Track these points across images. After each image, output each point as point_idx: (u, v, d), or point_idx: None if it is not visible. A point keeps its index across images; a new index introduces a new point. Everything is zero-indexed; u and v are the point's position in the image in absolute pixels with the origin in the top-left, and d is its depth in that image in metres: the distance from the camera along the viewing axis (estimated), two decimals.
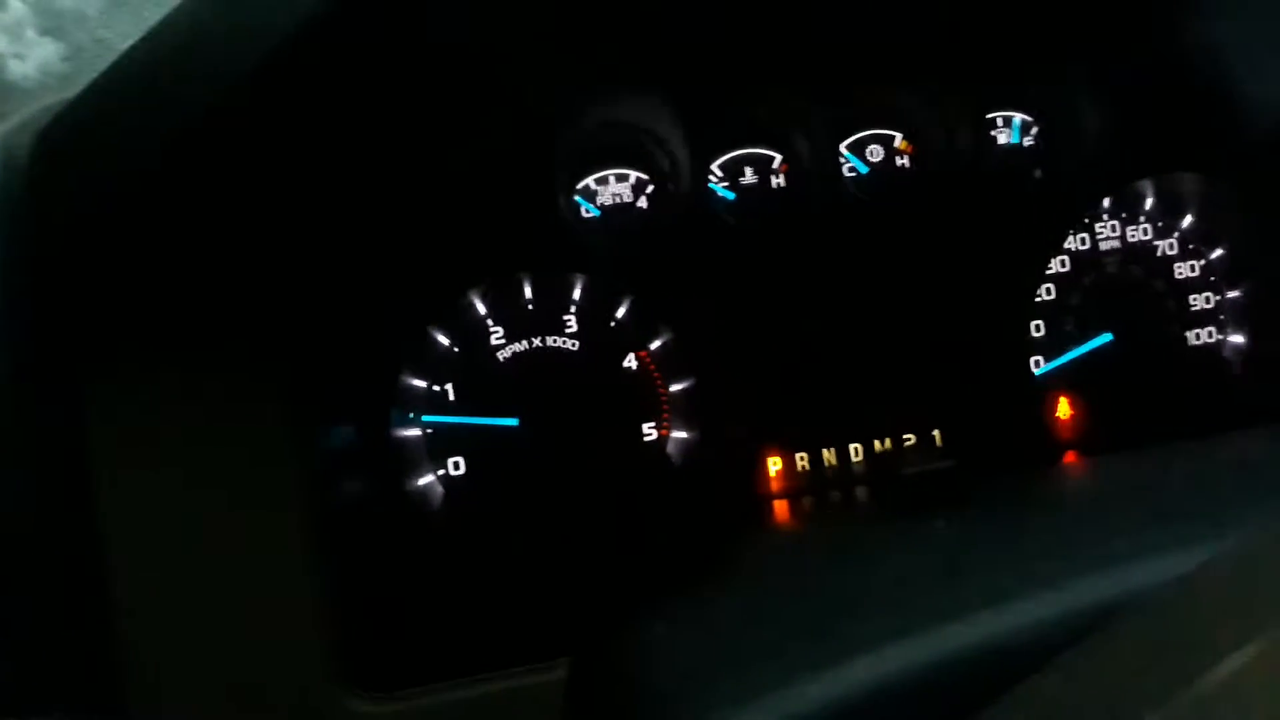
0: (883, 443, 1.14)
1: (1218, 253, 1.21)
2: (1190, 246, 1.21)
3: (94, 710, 0.76)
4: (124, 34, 1.41)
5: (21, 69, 1.41)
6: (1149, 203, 1.20)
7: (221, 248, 0.80)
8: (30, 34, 1.40)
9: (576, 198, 1.13)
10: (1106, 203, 1.19)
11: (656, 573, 0.82)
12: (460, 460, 1.08)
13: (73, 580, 0.78)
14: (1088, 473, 0.90)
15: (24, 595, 0.76)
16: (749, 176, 1.15)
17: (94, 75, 0.75)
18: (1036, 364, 1.18)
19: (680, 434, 1.11)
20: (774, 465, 1.12)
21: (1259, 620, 0.35)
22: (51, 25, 1.41)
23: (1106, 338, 1.18)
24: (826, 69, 1.10)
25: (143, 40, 0.72)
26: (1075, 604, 0.47)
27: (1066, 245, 1.19)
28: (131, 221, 0.75)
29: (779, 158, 1.15)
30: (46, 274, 0.79)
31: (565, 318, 1.10)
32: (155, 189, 0.73)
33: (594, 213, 1.13)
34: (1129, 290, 1.20)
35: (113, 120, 0.74)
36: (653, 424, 1.11)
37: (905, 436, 1.14)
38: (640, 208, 1.14)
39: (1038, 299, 1.17)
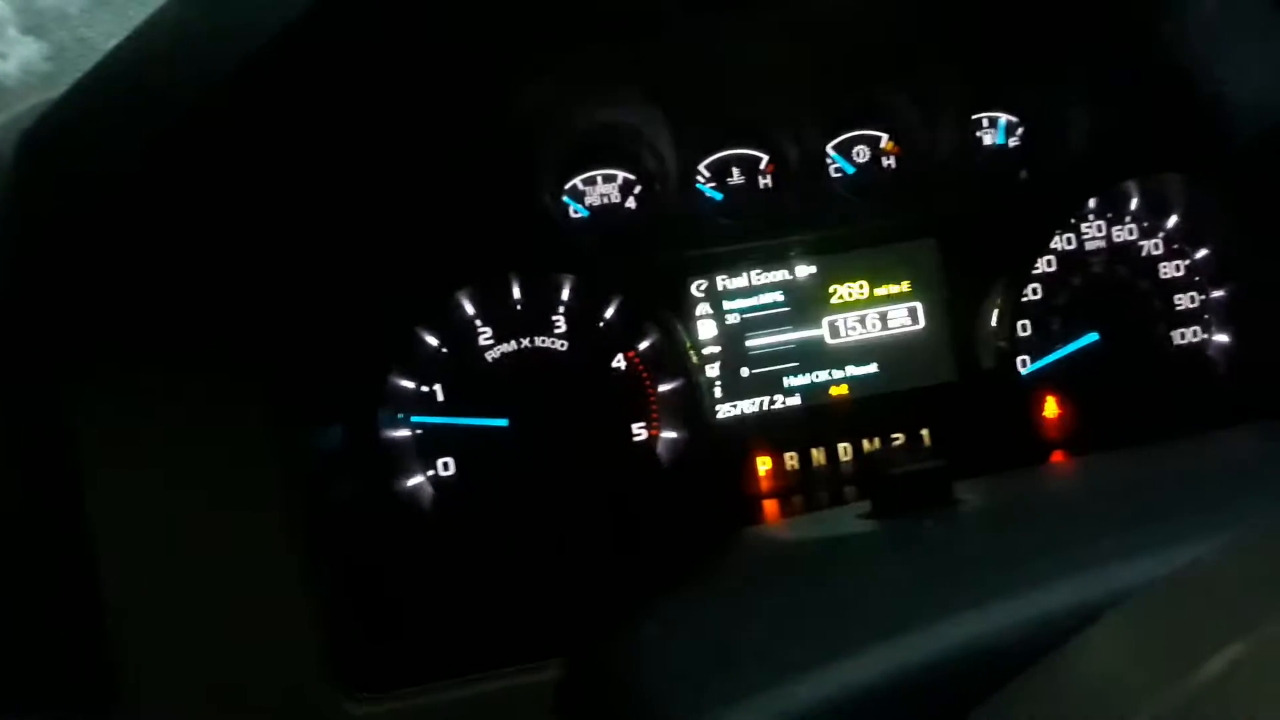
0: (871, 442, 1.14)
1: (1203, 253, 1.22)
2: (1175, 246, 1.22)
3: (80, 712, 0.76)
4: (107, 33, 1.41)
5: (3, 68, 1.40)
6: (1134, 203, 1.21)
7: (206, 247, 0.80)
8: (12, 32, 1.39)
9: (564, 198, 1.13)
10: (1092, 203, 1.20)
11: (647, 573, 0.82)
12: (450, 461, 1.08)
13: (60, 582, 0.77)
14: (1074, 472, 0.91)
15: (9, 597, 0.75)
16: (736, 177, 1.16)
17: (77, 74, 0.74)
18: (1023, 363, 1.18)
19: (669, 434, 1.11)
20: (763, 465, 1.13)
21: (1247, 618, 0.35)
22: (33, 24, 1.40)
23: (1093, 337, 1.18)
24: (813, 70, 1.10)
25: (127, 40, 0.72)
26: (1063, 604, 0.47)
27: (1052, 245, 1.19)
28: (116, 221, 0.75)
29: (766, 158, 1.16)
30: (29, 274, 0.79)
31: (554, 318, 1.10)
32: (140, 189, 0.73)
33: (582, 213, 1.13)
34: (1115, 290, 1.20)
35: (97, 120, 0.74)
36: (642, 424, 1.11)
37: (893, 436, 1.15)
38: (628, 208, 1.14)
39: (1024, 299, 1.17)
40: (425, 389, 1.08)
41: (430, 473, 1.08)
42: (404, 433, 1.07)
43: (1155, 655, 0.39)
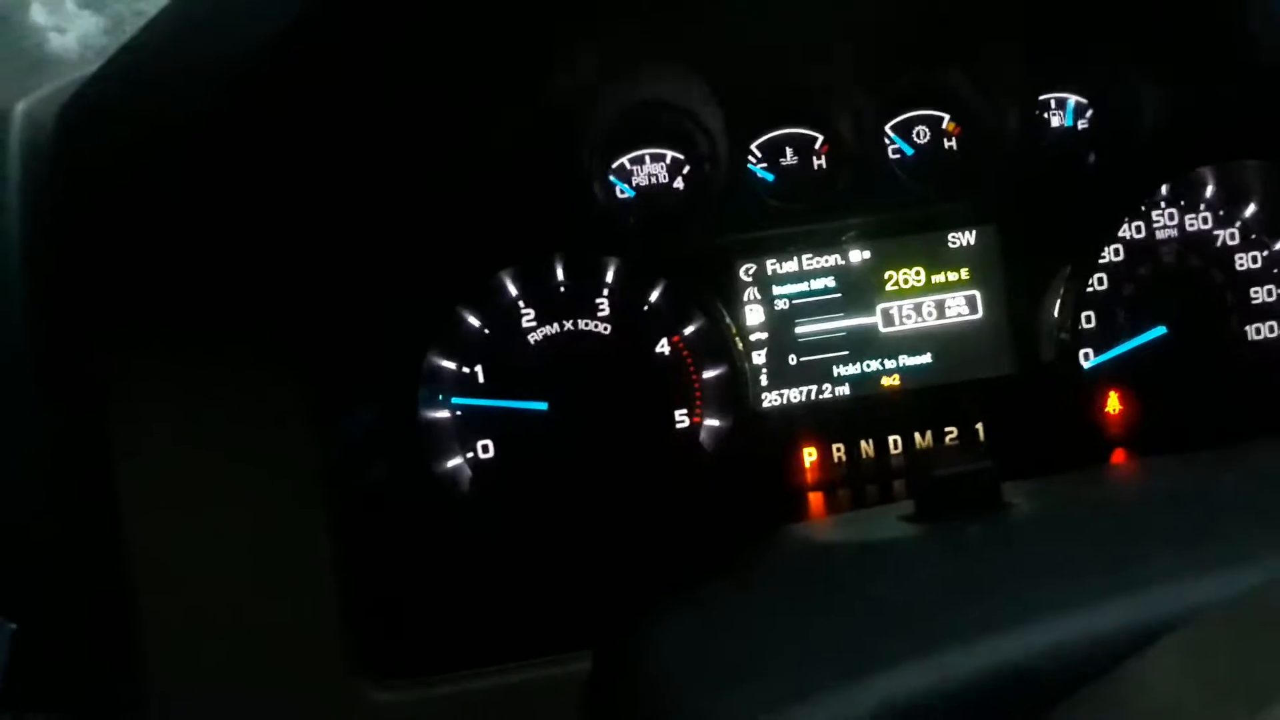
0: (923, 436, 1.11)
1: None
2: (1252, 237, 1.16)
3: (110, 694, 0.75)
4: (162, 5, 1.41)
5: (62, 42, 1.40)
6: (1209, 190, 1.15)
7: (244, 225, 0.79)
8: (70, 6, 1.40)
9: (611, 178, 1.10)
10: (1164, 190, 1.14)
11: (686, 566, 0.79)
12: (489, 443, 1.07)
13: (90, 567, 0.77)
14: (1135, 477, 0.87)
15: (41, 585, 0.75)
16: (789, 157, 1.12)
17: None
18: (1086, 357, 1.13)
19: (713, 422, 1.09)
20: (809, 456, 1.09)
21: None
22: None
23: (1160, 331, 1.13)
24: (871, 46, 1.06)
25: (162, 12, 0.71)
26: (1115, 625, 0.44)
27: (1121, 233, 1.14)
28: (153, 196, 0.74)
29: (821, 138, 1.12)
30: (69, 248, 0.78)
31: (598, 301, 1.08)
32: (177, 163, 0.72)
33: (629, 193, 1.11)
34: (1186, 282, 1.15)
35: (133, 94, 0.73)
36: (685, 411, 1.09)
37: (946, 430, 1.11)
38: (676, 189, 1.11)
39: (1089, 289, 1.12)
40: (466, 370, 1.06)
41: (469, 455, 1.06)
42: (443, 414, 1.06)
43: (1216, 690, 0.36)
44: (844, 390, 1.10)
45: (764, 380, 1.10)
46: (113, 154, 0.73)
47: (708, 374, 1.08)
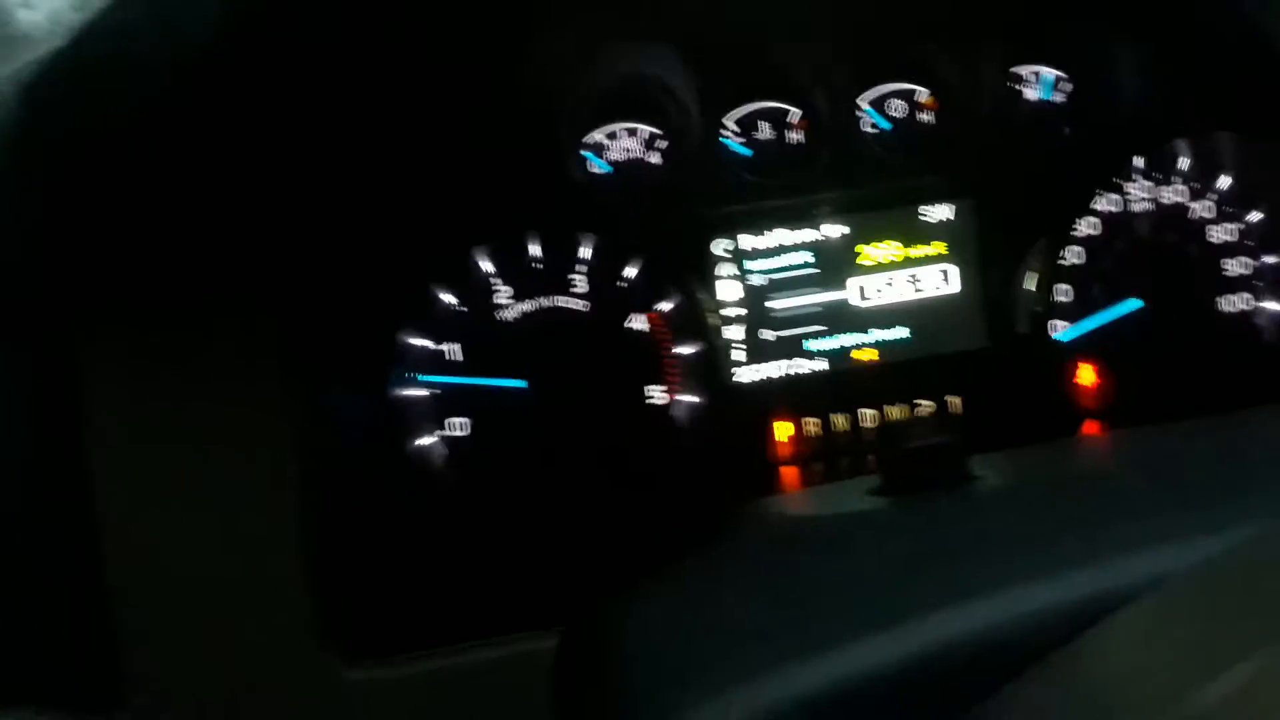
0: (898, 410, 1.11)
1: (1255, 216, 1.16)
2: (1227, 209, 1.16)
3: (81, 680, 0.75)
4: None
5: (31, 18, 1.38)
6: (1184, 163, 1.15)
7: (215, 202, 0.78)
8: None
9: (586, 153, 1.10)
10: (1139, 162, 1.14)
11: (659, 541, 0.79)
12: (464, 421, 1.06)
13: (60, 547, 0.76)
14: (1106, 448, 0.87)
15: (9, 565, 0.74)
16: (765, 131, 1.11)
17: None
18: (1060, 329, 1.13)
19: (688, 397, 1.09)
20: (783, 431, 1.09)
21: (1265, 632, 0.32)
22: None
23: (1135, 304, 1.13)
24: (847, 19, 1.06)
25: None
26: (1076, 595, 0.44)
27: (1096, 206, 1.14)
28: (119, 174, 0.73)
29: (796, 112, 1.11)
30: (36, 226, 0.77)
31: (573, 277, 1.07)
32: (144, 141, 0.71)
33: (604, 168, 1.10)
34: (1160, 254, 1.15)
35: (101, 69, 0.72)
36: (660, 387, 1.08)
37: (922, 403, 1.11)
38: (652, 164, 1.10)
39: (1064, 262, 1.12)
40: (440, 347, 1.06)
41: (444, 432, 1.06)
42: (417, 391, 1.05)
43: (1178, 656, 0.36)
44: (819, 365, 1.11)
45: (739, 355, 1.10)
46: (80, 131, 0.72)
47: (682, 350, 1.08)
